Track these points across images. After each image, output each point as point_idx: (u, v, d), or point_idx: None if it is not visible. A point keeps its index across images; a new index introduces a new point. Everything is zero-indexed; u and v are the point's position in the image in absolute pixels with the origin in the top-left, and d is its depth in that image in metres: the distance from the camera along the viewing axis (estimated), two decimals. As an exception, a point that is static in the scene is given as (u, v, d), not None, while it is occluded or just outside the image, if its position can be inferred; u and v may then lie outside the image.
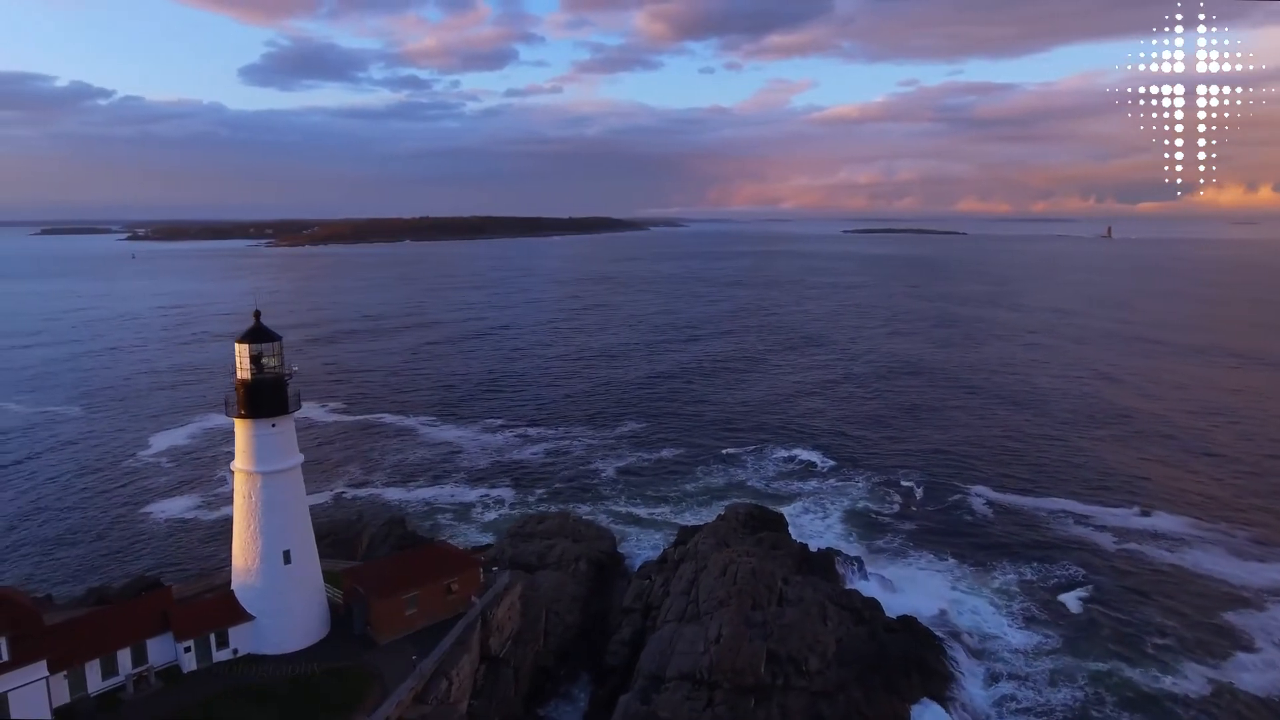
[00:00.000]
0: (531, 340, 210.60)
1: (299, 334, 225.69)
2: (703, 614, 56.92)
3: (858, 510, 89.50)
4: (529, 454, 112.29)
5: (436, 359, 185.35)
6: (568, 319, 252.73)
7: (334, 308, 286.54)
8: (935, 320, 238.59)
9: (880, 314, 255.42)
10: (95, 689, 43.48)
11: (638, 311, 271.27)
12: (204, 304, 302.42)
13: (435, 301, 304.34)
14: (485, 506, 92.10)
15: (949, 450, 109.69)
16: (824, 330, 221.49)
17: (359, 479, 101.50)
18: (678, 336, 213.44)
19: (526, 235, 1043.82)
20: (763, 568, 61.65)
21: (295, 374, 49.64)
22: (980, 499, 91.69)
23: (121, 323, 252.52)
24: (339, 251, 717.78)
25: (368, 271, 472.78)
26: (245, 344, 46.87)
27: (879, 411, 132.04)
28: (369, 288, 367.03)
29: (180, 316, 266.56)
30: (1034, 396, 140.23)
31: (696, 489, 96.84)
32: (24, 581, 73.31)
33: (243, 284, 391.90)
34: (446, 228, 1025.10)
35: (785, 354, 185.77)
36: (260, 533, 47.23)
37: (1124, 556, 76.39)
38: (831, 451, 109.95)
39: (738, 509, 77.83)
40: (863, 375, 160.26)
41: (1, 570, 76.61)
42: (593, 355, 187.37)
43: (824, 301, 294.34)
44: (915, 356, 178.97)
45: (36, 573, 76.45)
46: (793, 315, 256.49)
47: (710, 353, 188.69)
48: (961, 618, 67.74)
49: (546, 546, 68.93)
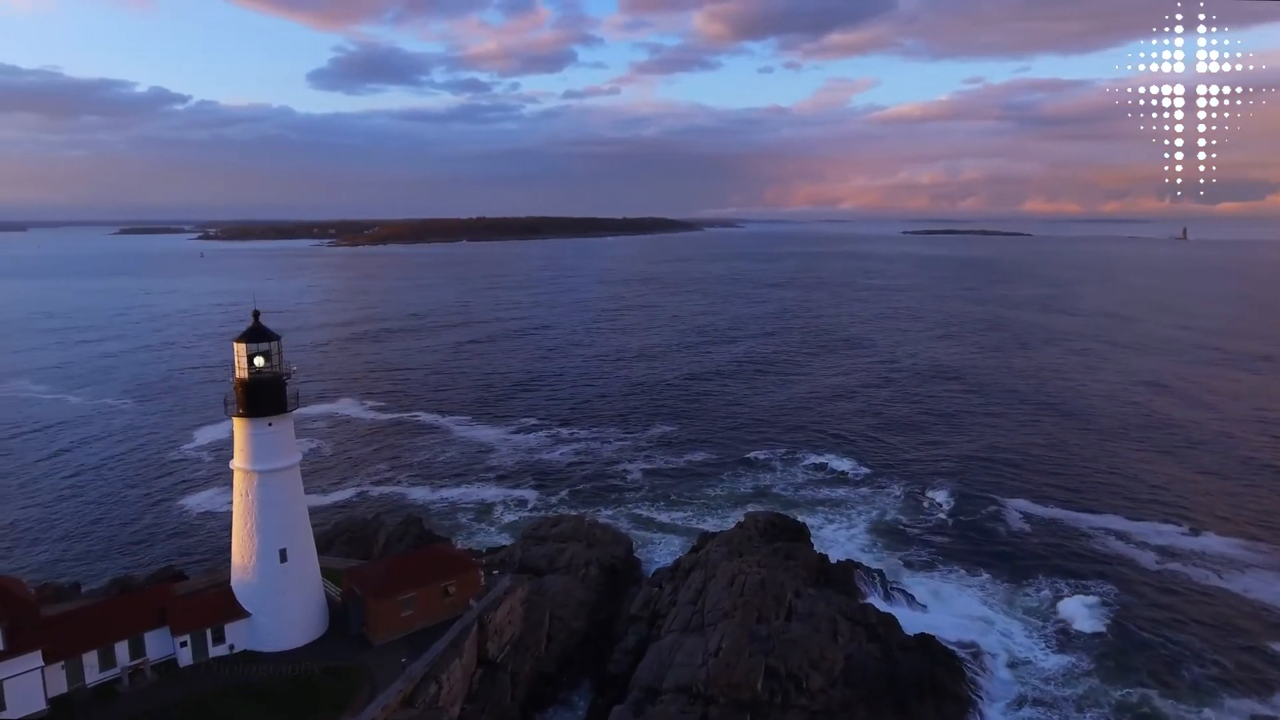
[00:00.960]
0: (572, 340, 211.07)
1: (345, 331, 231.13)
2: (706, 625, 55.49)
3: (886, 521, 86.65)
4: (558, 455, 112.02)
5: (477, 357, 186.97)
6: (610, 319, 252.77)
7: (383, 306, 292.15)
8: (985, 324, 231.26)
9: (929, 317, 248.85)
10: (93, 680, 44.21)
11: (680, 312, 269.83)
12: (259, 302, 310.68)
13: (482, 301, 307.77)
14: (507, 507, 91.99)
15: (988, 460, 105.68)
16: (868, 333, 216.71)
17: (386, 476, 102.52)
18: (719, 338, 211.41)
19: (581, 236, 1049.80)
20: (772, 579, 59.88)
21: (294, 373, 49.41)
22: (1017, 512, 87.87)
23: (180, 319, 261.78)
24: (396, 251, 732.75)
25: (421, 271, 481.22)
26: (243, 343, 47.02)
27: (917, 418, 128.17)
28: (419, 287, 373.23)
29: (236, 313, 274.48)
30: (1082, 405, 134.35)
31: (722, 494, 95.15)
32: (53, 566, 75.89)
33: (299, 283, 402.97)
34: (502, 228, 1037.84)
35: (826, 357, 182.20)
36: (257, 531, 47.54)
37: (1167, 577, 72.14)
38: (864, 458, 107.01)
39: (757, 517, 75.99)
40: (904, 380, 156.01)
41: (35, 555, 79.40)
42: (631, 355, 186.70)
43: (872, 304, 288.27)
44: (960, 361, 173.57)
45: (67, 559, 78.95)
46: (838, 317, 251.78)
47: (750, 354, 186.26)
48: (988, 637, 64.66)
49: (557, 550, 68.24)
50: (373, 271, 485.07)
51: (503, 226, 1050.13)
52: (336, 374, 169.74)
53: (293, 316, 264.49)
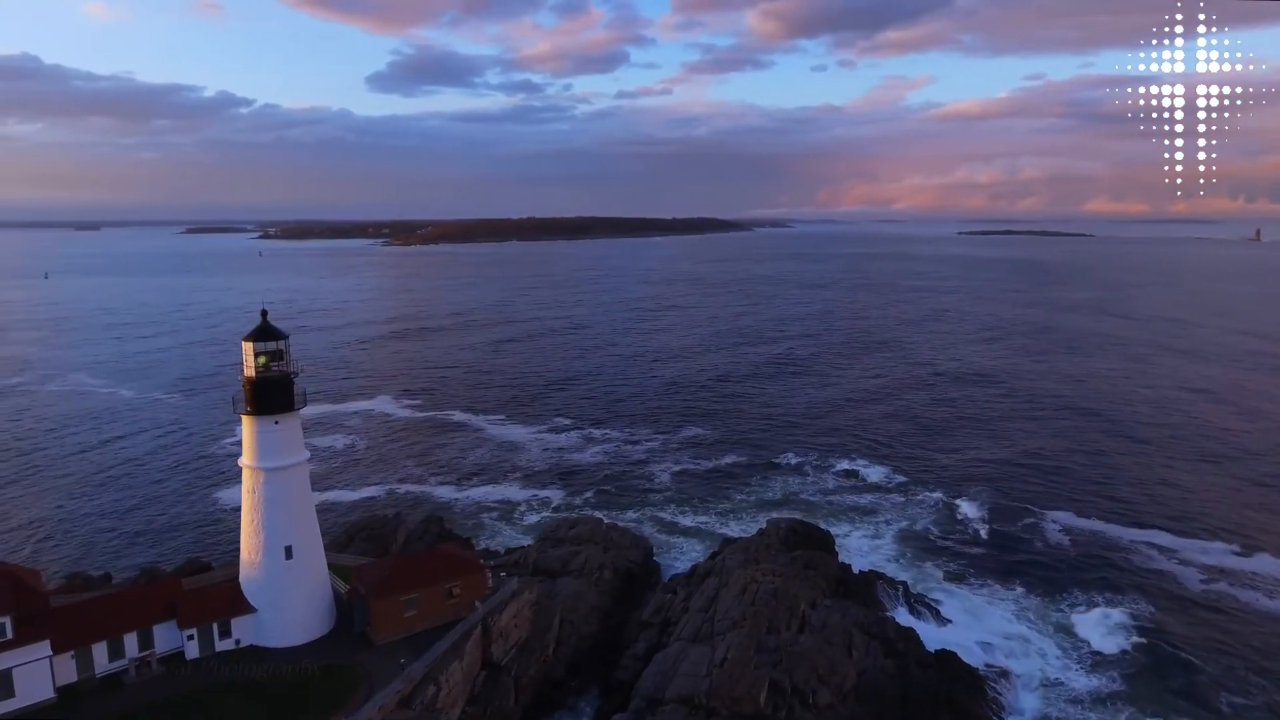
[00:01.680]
0: (610, 339, 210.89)
1: (386, 329, 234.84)
2: (715, 634, 54.26)
3: (916, 530, 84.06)
4: (587, 455, 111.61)
5: (514, 356, 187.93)
6: (649, 318, 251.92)
7: (426, 304, 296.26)
8: (1033, 328, 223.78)
9: (974, 320, 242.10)
10: (102, 670, 45.01)
11: (720, 312, 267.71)
12: (307, 299, 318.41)
13: (524, 300, 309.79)
14: (530, 507, 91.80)
15: (1027, 469, 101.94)
16: (910, 335, 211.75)
17: (414, 474, 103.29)
18: (757, 338, 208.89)
19: (630, 236, 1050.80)
20: (786, 589, 58.36)
21: (302, 372, 49.69)
22: (1056, 524, 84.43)
23: (231, 315, 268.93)
24: (446, 251, 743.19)
25: (467, 270, 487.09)
26: (250, 342, 47.40)
27: (955, 424, 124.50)
28: (464, 286, 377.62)
29: (283, 311, 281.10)
30: (1130, 414, 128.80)
31: (749, 499, 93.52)
32: (87, 554, 78.08)
33: (348, 281, 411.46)
34: (551, 228, 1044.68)
35: (865, 359, 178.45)
36: (262, 527, 47.92)
37: (1213, 598, 68.36)
38: (898, 464, 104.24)
39: (779, 524, 74.41)
40: (943, 384, 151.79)
41: (71, 543, 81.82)
42: (668, 355, 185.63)
43: (916, 306, 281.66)
44: (1003, 366, 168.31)
45: (102, 547, 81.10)
46: (880, 319, 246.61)
47: (788, 356, 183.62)
48: (1015, 655, 62.11)
49: (571, 553, 67.65)
50: (420, 270, 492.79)
51: (552, 226, 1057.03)
52: (375, 371, 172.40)
53: (337, 314, 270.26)
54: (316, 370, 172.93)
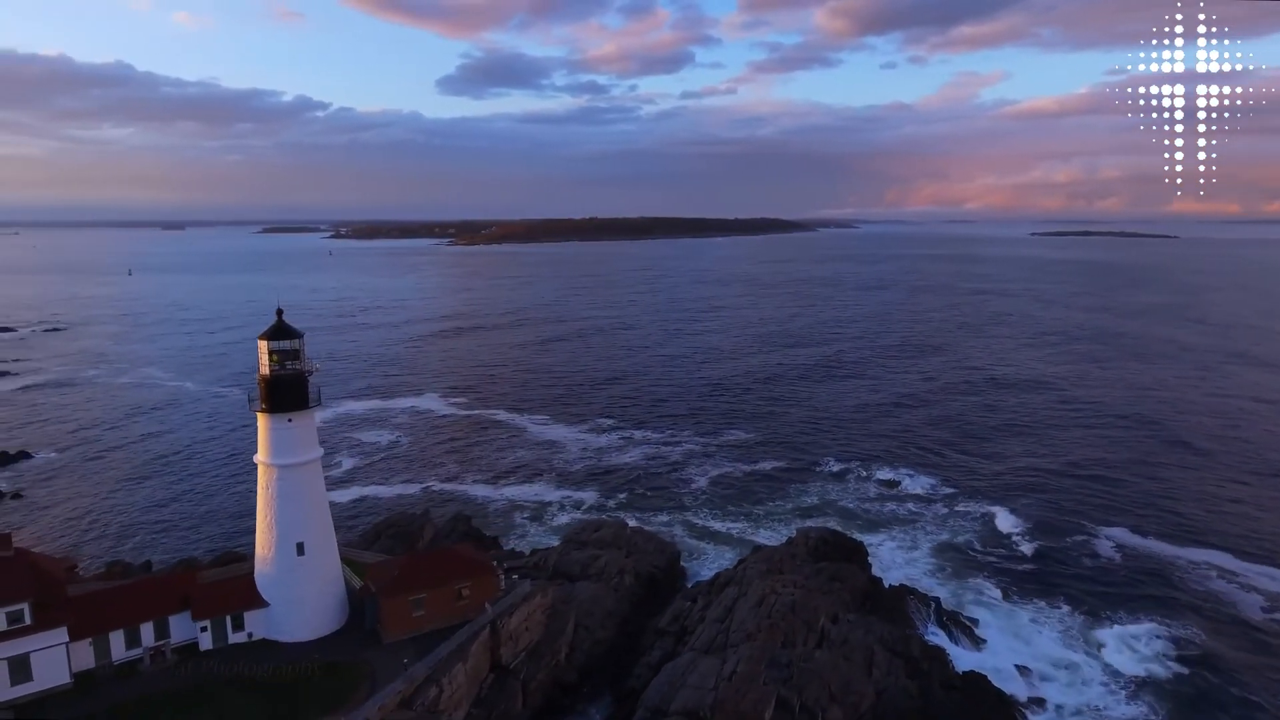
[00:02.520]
0: (658, 339, 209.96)
1: (439, 326, 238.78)
2: (728, 646, 52.81)
3: (957, 543, 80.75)
4: (626, 457, 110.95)
5: (563, 355, 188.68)
6: (700, 319, 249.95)
7: (481, 303, 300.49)
8: (1098, 334, 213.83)
9: (1037, 324, 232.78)
10: (119, 658, 46.20)
11: (773, 313, 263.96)
12: (369, 297, 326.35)
13: (578, 299, 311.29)
14: (563, 508, 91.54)
15: (1081, 481, 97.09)
16: (967, 340, 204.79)
17: (452, 473, 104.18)
18: (809, 340, 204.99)
19: (691, 236, 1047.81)
20: (806, 601, 56.50)
21: (316, 371, 50.19)
22: (1109, 541, 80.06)
23: (295, 312, 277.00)
24: (509, 250, 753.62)
25: (526, 269, 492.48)
26: (265, 340, 48.06)
27: (1006, 432, 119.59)
28: (521, 285, 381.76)
29: (343, 308, 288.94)
30: (1196, 427, 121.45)
31: (785, 506, 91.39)
32: (130, 541, 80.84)
33: (409, 280, 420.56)
34: (613, 228, 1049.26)
35: (918, 364, 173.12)
36: (275, 523, 48.55)
37: (1275, 628, 63.62)
38: (943, 473, 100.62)
39: (809, 533, 72.39)
40: (997, 391, 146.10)
41: (115, 530, 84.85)
42: (716, 357, 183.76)
43: (977, 309, 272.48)
44: (1063, 374, 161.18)
45: (147, 536, 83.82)
46: (937, 323, 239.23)
47: (838, 359, 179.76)
48: (1054, 680, 58.98)
49: (592, 556, 66.97)
50: (480, 270, 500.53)
51: (614, 227, 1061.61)
52: (425, 368, 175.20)
53: (394, 312, 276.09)
54: (368, 367, 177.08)
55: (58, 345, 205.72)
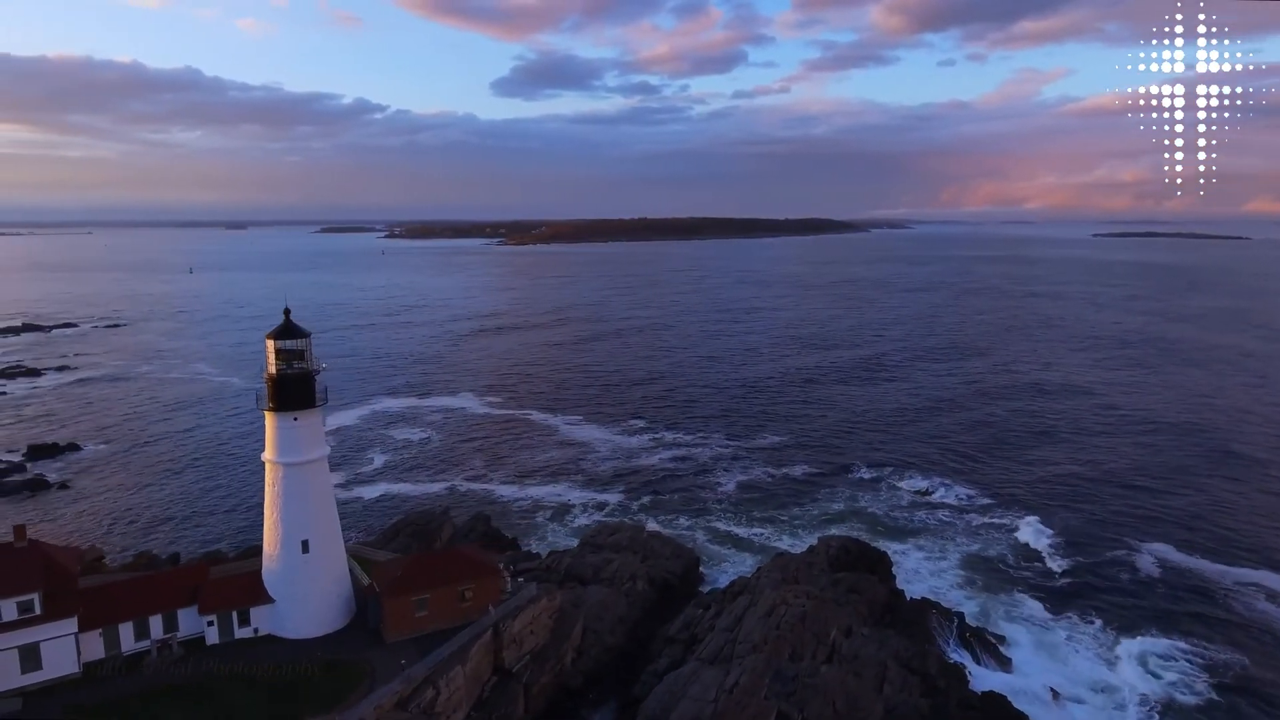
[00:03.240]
0: (697, 340, 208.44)
1: (479, 324, 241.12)
2: (734, 657, 51.53)
3: (988, 556, 77.90)
4: (655, 459, 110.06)
5: (601, 355, 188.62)
6: (740, 320, 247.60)
7: (524, 302, 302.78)
8: (1151, 339, 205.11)
9: (1088, 328, 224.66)
10: (129, 649, 47.00)
11: (814, 315, 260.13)
12: (414, 296, 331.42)
13: (621, 299, 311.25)
14: (585, 510, 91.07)
15: (1124, 494, 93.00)
16: (1013, 344, 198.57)
17: (479, 472, 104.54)
18: (849, 342, 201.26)
19: (740, 237, 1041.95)
20: (818, 613, 54.85)
21: (323, 370, 50.44)
22: (1150, 557, 76.37)
23: (342, 310, 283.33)
24: (557, 250, 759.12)
25: (572, 269, 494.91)
26: (273, 340, 48.47)
27: (1048, 441, 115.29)
28: (565, 284, 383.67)
29: (389, 306, 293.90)
30: (1250, 439, 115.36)
31: (811, 512, 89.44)
32: (160, 534, 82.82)
33: (455, 279, 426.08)
34: (661, 228, 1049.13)
35: (959, 368, 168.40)
36: (281, 521, 48.91)
37: (1327, 655, 59.72)
38: (980, 481, 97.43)
39: (830, 541, 70.62)
40: (1041, 398, 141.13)
41: (145, 522, 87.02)
42: (754, 358, 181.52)
43: (1026, 312, 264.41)
44: (1111, 380, 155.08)
45: (179, 528, 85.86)
46: (983, 326, 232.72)
47: (879, 362, 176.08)
48: (1085, 703, 56.41)
49: (605, 560, 66.24)
50: (526, 269, 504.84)
51: (663, 227, 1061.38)
52: (462, 366, 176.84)
53: (437, 310, 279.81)
54: (408, 364, 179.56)
55: (115, 340, 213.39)
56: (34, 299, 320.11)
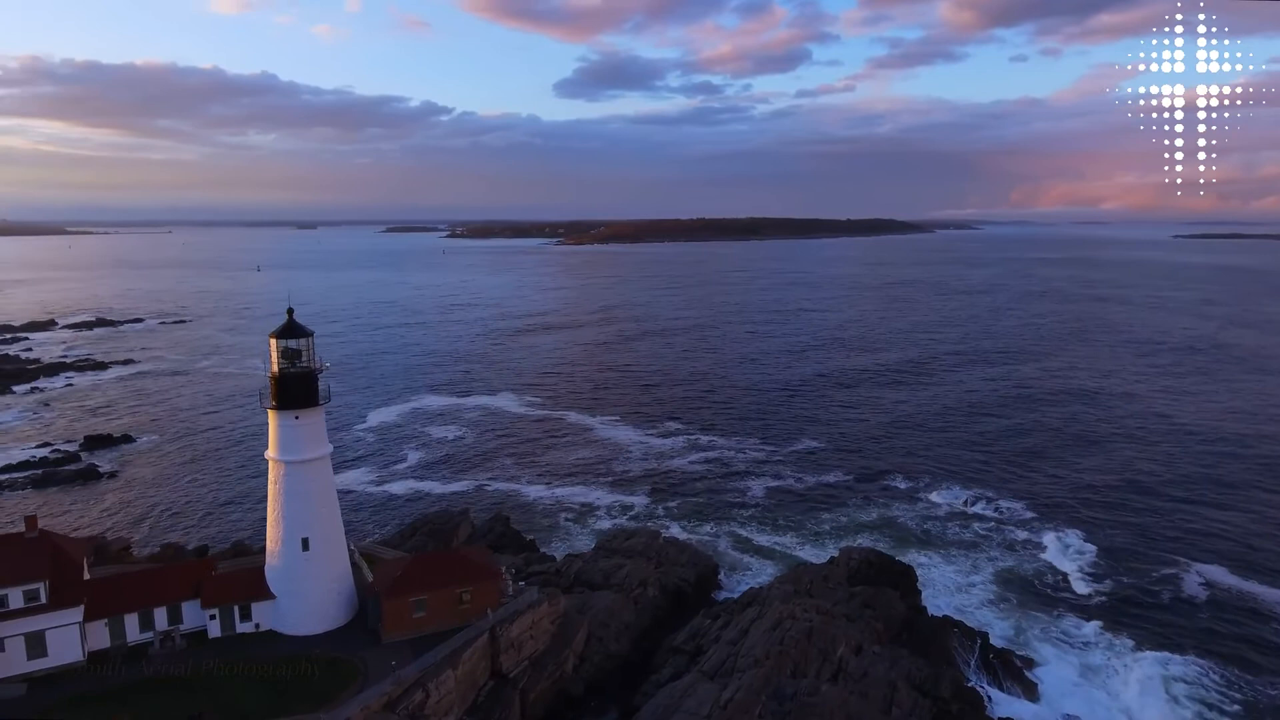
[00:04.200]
0: (741, 341, 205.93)
1: (525, 323, 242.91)
2: (735, 671, 49.98)
3: (1024, 572, 74.34)
4: (687, 462, 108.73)
5: (644, 355, 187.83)
6: (789, 321, 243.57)
7: (574, 301, 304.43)
8: (1224, 347, 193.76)
9: (1156, 334, 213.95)
10: (134, 639, 48.02)
11: (864, 317, 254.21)
12: (468, 294, 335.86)
13: (669, 299, 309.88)
14: (609, 512, 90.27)
15: (1177, 510, 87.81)
16: (1071, 349, 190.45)
17: (508, 471, 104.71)
18: (896, 345, 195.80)
19: (800, 237, 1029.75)
20: (825, 629, 52.88)
21: (325, 370, 50.73)
22: (1198, 578, 71.86)
23: (394, 306, 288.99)
24: (613, 250, 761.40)
25: (625, 269, 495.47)
26: (275, 339, 48.92)
27: (1097, 452, 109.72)
28: (615, 284, 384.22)
29: (442, 304, 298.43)
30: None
31: (841, 521, 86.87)
32: (195, 525, 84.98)
33: (508, 278, 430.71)
34: (719, 228, 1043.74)
35: (1011, 373, 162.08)
36: (282, 518, 49.38)
37: (1390, 693, 54.99)
38: (1023, 494, 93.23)
39: (852, 553, 68.34)
40: (1093, 408, 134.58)
41: (180, 513, 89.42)
42: (799, 361, 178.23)
43: (1090, 316, 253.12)
44: (1174, 390, 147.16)
45: (215, 520, 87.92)
46: (1041, 330, 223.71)
47: (925, 366, 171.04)
48: (1113, 732, 53.04)
49: (616, 566, 65.24)
50: (578, 268, 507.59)
51: (721, 227, 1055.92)
52: (504, 365, 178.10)
53: (485, 309, 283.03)
54: (451, 362, 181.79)
55: (179, 336, 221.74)
56: (110, 295, 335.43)
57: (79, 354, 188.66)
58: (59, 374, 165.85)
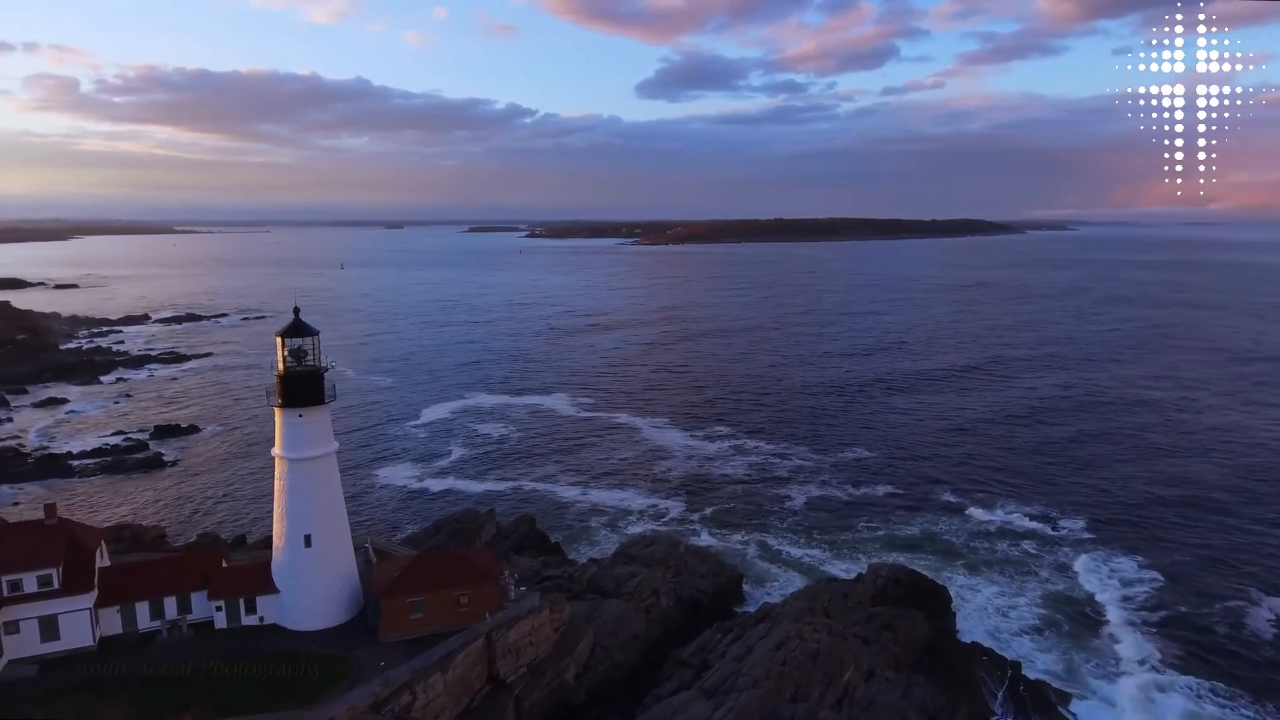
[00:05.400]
0: (802, 344, 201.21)
1: (590, 321, 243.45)
2: (733, 690, 48.02)
3: (1074, 596, 69.56)
4: (729, 468, 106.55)
5: (699, 356, 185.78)
6: (856, 323, 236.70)
7: (642, 301, 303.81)
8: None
9: (1247, 344, 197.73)
10: (144, 627, 49.41)
11: (932, 320, 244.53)
12: (538, 293, 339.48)
13: (734, 300, 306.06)
14: (642, 516, 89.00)
15: (1251, 538, 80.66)
16: (1151, 358, 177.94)
17: (548, 472, 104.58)
18: (961, 350, 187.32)
19: (880, 238, 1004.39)
20: (834, 650, 50.32)
21: (330, 369, 51.16)
22: (1268, 613, 65.68)
23: (460, 304, 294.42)
24: (688, 250, 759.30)
25: (698, 269, 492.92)
26: (281, 338, 49.56)
27: (1169, 472, 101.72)
28: (682, 284, 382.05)
29: (510, 302, 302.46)
30: None
31: (879, 535, 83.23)
32: (236, 519, 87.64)
33: (579, 278, 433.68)
34: (797, 229, 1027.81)
35: (1080, 381, 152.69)
36: (286, 515, 50.00)
37: None
38: (1084, 513, 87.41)
39: (880, 570, 65.28)
40: (1171, 423, 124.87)
41: (228, 505, 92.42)
42: (856, 366, 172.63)
43: (1176, 323, 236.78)
44: (1262, 405, 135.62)
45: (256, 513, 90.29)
46: (1120, 336, 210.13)
47: (988, 372, 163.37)
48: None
49: (630, 573, 63.90)
50: (650, 268, 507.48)
51: (798, 228, 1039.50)
52: (561, 364, 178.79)
53: (550, 308, 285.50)
54: (510, 360, 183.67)
55: (257, 330, 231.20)
56: (203, 291, 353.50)
57: (163, 347, 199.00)
58: (143, 366, 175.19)
